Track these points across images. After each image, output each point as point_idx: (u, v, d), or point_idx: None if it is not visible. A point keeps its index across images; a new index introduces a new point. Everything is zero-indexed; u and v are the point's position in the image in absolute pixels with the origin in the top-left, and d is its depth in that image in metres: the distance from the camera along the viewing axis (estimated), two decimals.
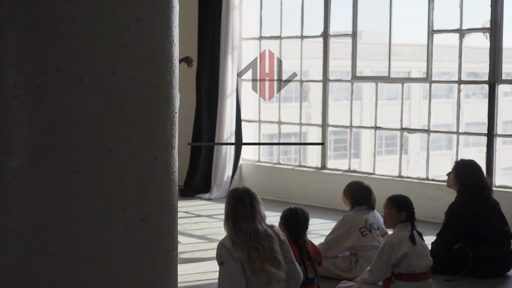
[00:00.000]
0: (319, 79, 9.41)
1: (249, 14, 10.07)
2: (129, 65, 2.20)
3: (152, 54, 2.25)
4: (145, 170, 2.26)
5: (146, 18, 2.23)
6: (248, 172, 9.99)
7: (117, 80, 2.17)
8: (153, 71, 2.26)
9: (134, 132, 2.22)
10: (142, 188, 2.26)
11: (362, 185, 6.07)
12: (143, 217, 2.26)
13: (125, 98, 2.19)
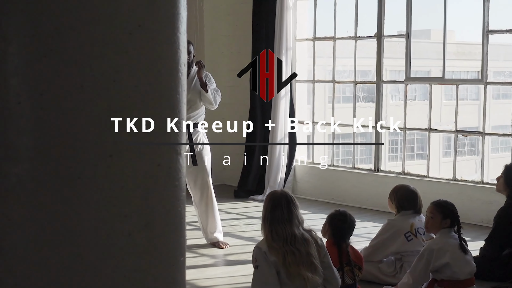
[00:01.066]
0: (372, 80, 9.31)
1: (304, 15, 10.03)
2: (130, 72, 2.19)
3: (154, 60, 2.25)
4: (147, 177, 2.26)
5: (148, 25, 2.22)
6: (302, 174, 9.95)
7: (118, 87, 2.17)
8: (156, 78, 2.25)
9: (136, 139, 2.22)
10: (144, 194, 2.25)
11: (408, 188, 5.98)
12: (145, 223, 2.26)
13: (126, 105, 2.19)
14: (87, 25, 2.15)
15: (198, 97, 7.11)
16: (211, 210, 7.19)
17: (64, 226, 2.16)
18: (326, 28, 10.01)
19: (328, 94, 25.06)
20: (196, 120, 7.19)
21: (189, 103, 7.10)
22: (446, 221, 5.23)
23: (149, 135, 2.26)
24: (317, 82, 10.26)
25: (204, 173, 7.15)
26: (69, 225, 2.17)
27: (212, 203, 7.18)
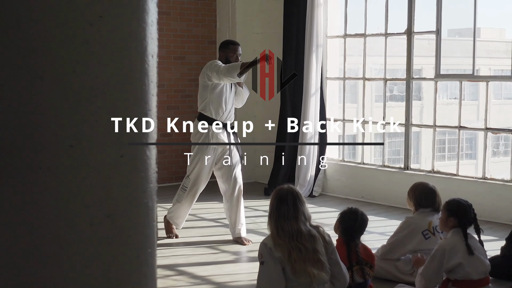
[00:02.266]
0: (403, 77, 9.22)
1: (335, 12, 9.97)
2: (91, 63, 2.20)
3: (117, 52, 2.25)
4: (109, 168, 2.26)
5: (110, 16, 2.22)
6: (332, 172, 9.90)
7: (78, 78, 2.18)
8: (118, 69, 2.26)
9: (98, 129, 2.23)
10: (107, 185, 2.26)
11: (427, 186, 5.90)
12: (108, 214, 2.26)
13: (87, 96, 2.20)
14: (47, 16, 2.16)
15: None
16: (241, 205, 7.22)
17: (25, 215, 2.18)
18: (357, 25, 9.94)
19: (359, 92, 24.86)
20: (232, 119, 7.27)
21: (230, 103, 7.16)
22: (451, 219, 5.14)
23: (111, 126, 2.27)
24: (348, 80, 10.18)
25: (235, 168, 7.18)
26: (30, 214, 2.19)
27: (241, 198, 7.22)
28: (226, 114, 7.13)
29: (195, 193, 7.24)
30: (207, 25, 11.15)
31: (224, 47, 7.18)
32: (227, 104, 7.13)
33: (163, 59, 10.74)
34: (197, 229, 7.95)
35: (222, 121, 7.12)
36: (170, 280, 6.05)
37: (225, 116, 7.13)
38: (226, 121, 7.15)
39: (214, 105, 7.08)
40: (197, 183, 7.18)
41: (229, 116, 7.17)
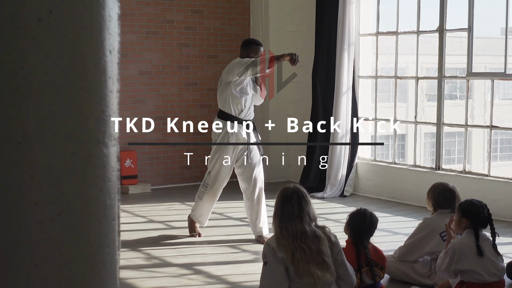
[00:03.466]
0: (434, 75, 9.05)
1: (367, 10, 9.84)
2: (40, 59, 2.16)
3: (67, 47, 2.21)
4: (60, 165, 2.22)
5: (60, 10, 2.18)
6: (364, 172, 9.78)
7: (27, 74, 2.14)
8: (69, 65, 2.21)
9: (47, 126, 2.18)
10: (58, 183, 2.22)
11: (446, 187, 5.77)
12: (58, 212, 2.22)
13: (36, 92, 2.16)
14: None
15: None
16: (262, 204, 7.15)
17: None
18: (389, 23, 9.79)
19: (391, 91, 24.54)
20: (252, 117, 7.23)
21: (250, 101, 7.12)
22: (463, 220, 5.02)
23: (63, 123, 2.23)
24: (380, 78, 10.04)
25: (256, 167, 7.12)
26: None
27: (262, 197, 7.15)
28: (245, 112, 7.11)
29: (216, 190, 7.22)
30: (240, 23, 11.12)
31: (246, 46, 7.14)
32: (247, 102, 7.10)
33: (196, 57, 10.75)
34: (221, 228, 7.91)
35: (242, 119, 7.10)
36: (184, 279, 6.02)
37: (244, 114, 7.12)
38: (245, 118, 7.13)
39: (234, 103, 7.10)
40: (217, 180, 7.16)
41: (248, 113, 7.15)
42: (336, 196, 9.75)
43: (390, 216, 8.56)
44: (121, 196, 9.65)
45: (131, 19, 10.22)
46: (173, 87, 10.57)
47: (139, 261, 6.59)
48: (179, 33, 10.60)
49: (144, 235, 7.56)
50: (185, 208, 8.95)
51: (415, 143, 9.55)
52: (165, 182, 10.61)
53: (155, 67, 10.46)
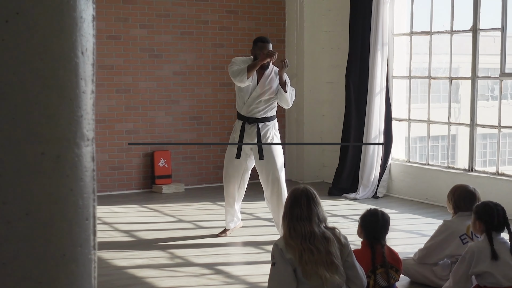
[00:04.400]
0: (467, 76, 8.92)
1: (401, 9, 9.75)
2: (7, 60, 2.19)
3: (35, 49, 2.23)
4: (29, 165, 2.24)
5: (28, 12, 2.21)
6: (397, 173, 9.69)
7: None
8: (38, 67, 2.23)
9: (15, 126, 2.21)
10: (26, 182, 2.24)
11: (467, 189, 5.68)
12: (27, 211, 2.25)
13: (4, 93, 2.19)
14: None
15: (272, 93, 7.10)
16: (282, 205, 7.10)
17: None
18: (423, 22, 9.68)
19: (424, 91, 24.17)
20: (266, 114, 7.16)
21: (260, 97, 7.11)
22: (477, 222, 4.94)
23: (31, 123, 2.26)
24: (413, 78, 9.93)
25: (274, 168, 7.10)
26: None
27: (282, 198, 7.09)
28: (246, 109, 7.15)
29: (227, 190, 7.32)
30: (275, 23, 11.11)
31: (254, 44, 7.22)
32: (246, 100, 7.15)
33: (230, 58, 10.66)
34: (249, 228, 7.92)
35: (244, 115, 7.16)
36: (204, 279, 6.04)
37: (245, 111, 7.16)
38: (248, 115, 7.14)
39: (237, 100, 7.29)
40: (226, 180, 7.28)
41: (250, 111, 7.14)
42: (368, 197, 9.68)
43: (421, 218, 8.46)
44: (154, 195, 9.75)
45: (166, 20, 10.29)
46: (207, 88, 10.61)
47: (162, 260, 6.63)
48: (213, 33, 10.64)
49: (171, 234, 7.60)
50: (216, 208, 8.98)
51: (448, 144, 9.43)
52: (199, 182, 10.66)
53: (190, 67, 10.52)
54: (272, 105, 7.24)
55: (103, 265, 6.45)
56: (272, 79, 7.17)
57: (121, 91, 10.06)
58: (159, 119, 10.33)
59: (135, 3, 10.08)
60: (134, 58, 10.13)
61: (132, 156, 10.19)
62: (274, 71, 7.16)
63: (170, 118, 10.42)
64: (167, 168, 10.23)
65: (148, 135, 10.26)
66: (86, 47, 2.39)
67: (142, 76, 10.19)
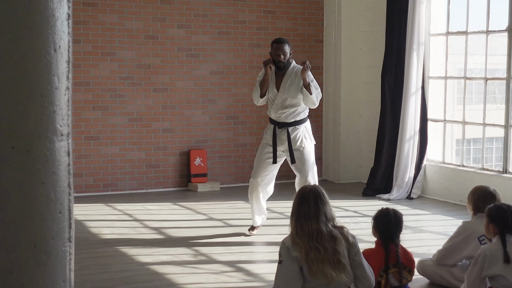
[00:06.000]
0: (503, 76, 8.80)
1: (438, 9, 9.66)
2: None
3: (5, 46, 2.31)
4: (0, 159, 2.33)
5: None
6: (432, 174, 9.62)
7: None
8: (8, 62, 2.32)
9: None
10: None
11: (487, 190, 5.63)
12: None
13: None
14: None
15: (295, 95, 7.10)
16: None
17: None
18: (458, 22, 9.57)
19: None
20: (295, 118, 7.17)
21: (284, 102, 7.13)
22: (490, 225, 4.88)
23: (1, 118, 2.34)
24: (449, 79, 9.82)
25: (305, 170, 7.13)
26: None
27: None
28: (274, 114, 7.23)
29: (253, 187, 7.34)
30: (313, 23, 11.11)
31: (271, 46, 7.24)
32: (274, 105, 7.22)
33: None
34: (278, 227, 7.93)
35: (275, 120, 7.20)
36: (223, 276, 6.09)
37: (274, 116, 7.24)
38: (279, 120, 7.20)
39: (268, 106, 7.39)
40: (252, 176, 7.37)
41: (279, 115, 7.19)
42: (402, 198, 9.61)
43: (452, 219, 8.37)
44: (190, 194, 9.85)
45: (203, 19, 10.38)
46: (244, 87, 10.66)
47: (185, 257, 6.71)
48: (251, 33, 10.69)
49: (199, 232, 7.67)
50: (248, 207, 9.02)
51: (483, 146, 9.32)
52: (235, 181, 10.72)
53: (227, 67, 10.59)
54: (300, 108, 7.23)
55: (127, 260, 6.55)
56: (292, 81, 7.16)
57: (158, 90, 10.19)
58: (195, 118, 10.42)
59: (173, 3, 10.19)
60: (171, 57, 10.25)
61: (169, 154, 10.31)
62: (295, 71, 7.14)
63: (206, 117, 10.51)
64: (203, 166, 10.32)
65: (185, 134, 10.37)
66: (59, 45, 2.45)
67: (179, 76, 10.30)
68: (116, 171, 10.02)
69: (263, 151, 7.33)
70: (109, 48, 9.83)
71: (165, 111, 10.25)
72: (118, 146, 10.03)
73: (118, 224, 8.18)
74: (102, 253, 6.81)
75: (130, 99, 10.05)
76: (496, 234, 4.88)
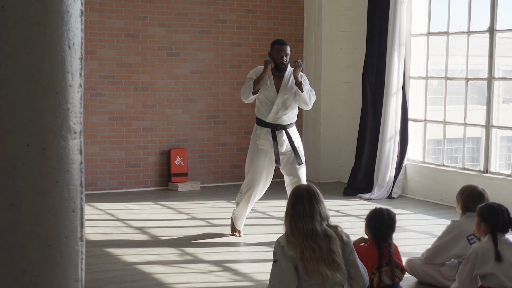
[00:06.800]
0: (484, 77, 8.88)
1: (419, 9, 9.72)
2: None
3: (20, 42, 2.28)
4: (14, 157, 2.29)
5: (13, 7, 2.26)
6: (413, 173, 9.67)
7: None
8: (23, 59, 2.28)
9: (0, 119, 2.26)
10: (11, 174, 2.29)
11: (475, 189, 5.67)
12: (12, 202, 2.30)
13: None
14: None
15: (294, 96, 7.06)
16: None
17: None
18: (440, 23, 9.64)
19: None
20: (292, 120, 7.15)
21: (285, 103, 7.07)
22: (482, 224, 4.92)
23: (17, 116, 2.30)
24: (430, 79, 9.89)
25: (302, 170, 7.08)
26: None
27: None
28: (272, 116, 7.02)
29: (250, 196, 7.18)
30: (294, 23, 11.11)
31: (271, 47, 7.12)
32: (271, 106, 7.05)
33: (248, 57, 10.80)
34: (262, 227, 7.94)
35: (269, 122, 7.05)
36: (211, 276, 6.07)
37: (271, 118, 7.05)
38: (274, 122, 7.05)
39: (259, 107, 7.15)
40: (251, 186, 7.12)
41: (276, 118, 7.03)
42: (383, 197, 9.66)
43: (434, 219, 8.43)
44: (170, 193, 9.81)
45: (184, 18, 10.34)
46: (225, 86, 10.65)
47: (171, 257, 6.67)
48: (231, 32, 10.68)
49: (183, 232, 7.64)
50: (230, 206, 9.00)
51: (464, 146, 9.40)
52: (215, 180, 10.69)
53: (207, 66, 10.56)
54: (296, 109, 7.21)
55: (113, 260, 6.51)
56: (292, 82, 7.11)
57: (138, 89, 10.13)
58: (176, 117, 10.38)
59: (154, 1, 10.14)
60: (152, 56, 10.19)
61: (149, 153, 10.26)
62: (291, 72, 7.09)
63: (187, 116, 10.47)
64: (183, 166, 10.28)
65: (165, 133, 10.32)
66: (73, 41, 2.43)
67: (160, 74, 10.25)
68: (96, 170, 9.95)
69: (259, 159, 7.10)
70: (90, 46, 9.74)
71: (146, 110, 10.20)
72: (98, 145, 9.96)
73: (101, 223, 8.11)
74: (88, 253, 6.71)
75: (110, 98, 9.98)
76: (487, 233, 4.92)
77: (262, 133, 7.08)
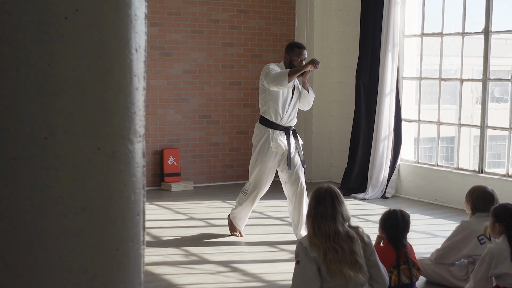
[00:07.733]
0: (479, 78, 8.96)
1: (412, 10, 9.79)
2: (66, 56, 2.22)
3: (93, 45, 2.26)
4: (85, 160, 2.27)
5: (86, 9, 2.24)
6: (406, 173, 9.73)
7: (53, 71, 2.20)
8: (95, 62, 2.27)
9: (73, 122, 2.24)
10: (82, 177, 2.27)
11: (485, 190, 5.72)
12: (83, 206, 2.28)
13: (62, 89, 2.22)
14: (22, 9, 2.19)
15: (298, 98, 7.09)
16: (303, 206, 7.06)
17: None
18: (434, 24, 9.71)
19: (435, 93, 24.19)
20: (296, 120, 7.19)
21: (295, 104, 7.07)
22: (496, 225, 4.98)
23: (88, 119, 2.29)
24: (424, 80, 9.96)
25: (298, 170, 7.08)
26: (3, 205, 2.23)
27: (303, 199, 7.07)
28: (286, 118, 7.01)
29: (255, 197, 7.19)
30: (285, 23, 11.14)
31: (289, 49, 7.04)
32: (287, 108, 7.02)
33: (240, 56, 10.80)
34: (261, 227, 7.95)
35: (282, 125, 7.03)
36: (220, 277, 6.07)
37: (285, 120, 7.03)
38: (286, 124, 7.04)
39: (273, 109, 7.02)
40: (257, 187, 7.13)
41: (289, 120, 7.04)
42: (377, 197, 9.72)
43: (431, 219, 8.51)
44: (163, 193, 9.79)
45: (176, 18, 10.32)
46: (217, 86, 10.64)
47: (177, 257, 6.67)
48: (224, 32, 10.67)
49: (184, 232, 7.63)
50: (226, 206, 9.01)
51: (458, 146, 9.47)
52: (208, 180, 10.69)
53: (200, 66, 10.55)
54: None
55: None
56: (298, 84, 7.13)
57: None
58: (168, 117, 10.36)
59: (147, 1, 10.07)
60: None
61: None
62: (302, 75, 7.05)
63: (179, 116, 10.45)
64: (176, 166, 10.26)
65: (158, 133, 10.29)
66: (139, 44, 2.42)
67: (152, 74, 10.21)
68: None
69: (268, 161, 7.07)
70: None
71: None
72: None
73: None
74: None
75: None
76: (502, 233, 4.97)
77: (275, 135, 7.03)
